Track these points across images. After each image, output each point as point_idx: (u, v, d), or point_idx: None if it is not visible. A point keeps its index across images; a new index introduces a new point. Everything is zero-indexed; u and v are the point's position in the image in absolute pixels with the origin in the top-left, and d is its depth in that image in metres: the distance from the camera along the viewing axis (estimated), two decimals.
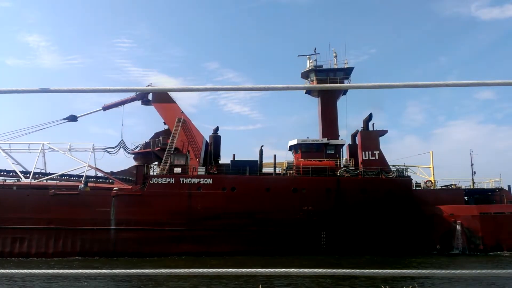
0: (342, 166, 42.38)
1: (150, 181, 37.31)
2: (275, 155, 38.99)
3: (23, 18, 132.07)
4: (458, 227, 38.30)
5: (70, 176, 45.72)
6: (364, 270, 3.44)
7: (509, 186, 44.27)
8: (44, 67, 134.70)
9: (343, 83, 47.57)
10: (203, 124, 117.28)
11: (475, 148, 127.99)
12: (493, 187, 42.59)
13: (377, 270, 3.45)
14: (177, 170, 37.76)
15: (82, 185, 39.02)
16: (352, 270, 3.39)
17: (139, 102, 48.81)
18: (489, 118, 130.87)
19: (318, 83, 47.30)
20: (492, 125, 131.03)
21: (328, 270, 3.36)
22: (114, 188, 38.17)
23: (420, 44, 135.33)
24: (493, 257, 35.70)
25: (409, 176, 40.05)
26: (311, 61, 49.40)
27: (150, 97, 48.22)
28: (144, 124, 77.44)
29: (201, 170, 38.10)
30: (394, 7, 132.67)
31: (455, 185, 43.38)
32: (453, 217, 38.74)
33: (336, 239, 37.09)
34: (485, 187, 44.22)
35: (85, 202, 36.65)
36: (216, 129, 40.88)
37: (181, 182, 37.01)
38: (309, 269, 3.36)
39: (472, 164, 45.51)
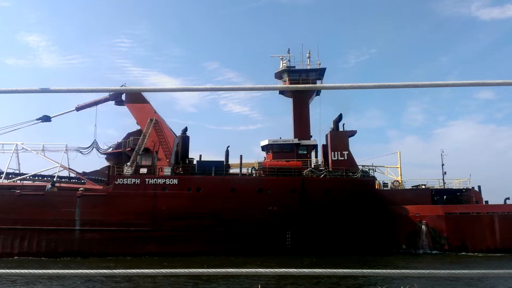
0: (312, 166, 42.64)
1: (116, 182, 37.38)
2: (241, 156, 39.18)
3: (23, 18, 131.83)
4: (424, 227, 38.58)
5: (43, 176, 45.80)
6: (364, 270, 3.46)
7: (479, 187, 44.59)
8: (44, 67, 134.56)
9: (315, 83, 47.77)
10: (204, 124, 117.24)
11: (475, 148, 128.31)
12: (461, 188, 42.82)
13: (377, 270, 3.45)
14: (143, 170, 37.82)
15: (49, 186, 39.05)
16: (352, 270, 3.38)
17: (113, 102, 48.89)
18: (489, 118, 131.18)
19: (290, 83, 47.44)
20: (492, 125, 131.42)
21: (328, 270, 3.35)
22: (80, 189, 38.24)
23: (420, 44, 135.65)
24: (456, 257, 35.97)
25: (374, 177, 40.28)
26: (284, 61, 49.55)
27: (123, 97, 48.31)
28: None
29: (167, 171, 38.21)
30: (395, 7, 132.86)
31: (424, 185, 43.66)
32: (419, 217, 39.02)
33: (301, 239, 37.29)
34: (459, 187, 44.45)
35: (50, 202, 36.68)
36: (185, 130, 40.97)
37: (147, 183, 37.10)
38: (309, 269, 3.36)
39: (442, 165, 45.78)
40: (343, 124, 44.82)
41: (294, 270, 3.35)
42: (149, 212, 36.55)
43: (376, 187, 42.50)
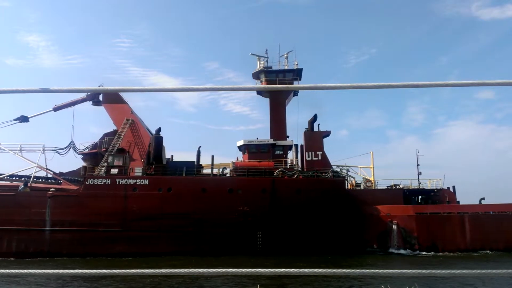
0: (288, 166, 42.80)
1: (86, 182, 37.48)
2: (212, 156, 39.27)
3: (23, 18, 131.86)
4: (394, 226, 38.76)
5: (21, 176, 45.83)
6: (364, 270, 3.45)
7: (453, 187, 44.84)
8: (44, 67, 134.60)
9: (292, 83, 47.88)
10: (204, 124, 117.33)
11: (475, 148, 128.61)
12: (434, 188, 43.03)
13: (377, 270, 3.43)
14: (114, 171, 37.92)
15: (22, 186, 39.13)
16: (352, 270, 3.36)
17: (90, 102, 49.00)
18: (489, 118, 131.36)
19: (267, 83, 47.64)
20: (492, 125, 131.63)
21: (328, 270, 3.32)
22: (51, 189, 38.33)
23: (420, 44, 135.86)
24: (424, 257, 36.15)
25: (344, 177, 40.43)
26: (261, 62, 49.70)
27: (101, 97, 48.43)
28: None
29: (138, 171, 38.32)
30: (395, 7, 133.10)
31: (397, 185, 43.84)
32: (390, 217, 39.19)
33: (272, 239, 37.42)
34: (435, 187, 44.62)
35: (21, 203, 36.77)
36: (158, 130, 41.05)
37: (117, 183, 37.19)
38: (309, 269, 3.34)
39: (418, 165, 46.02)
40: (318, 124, 45.04)
41: (294, 270, 3.34)
42: (119, 213, 36.65)
43: (349, 187, 42.71)
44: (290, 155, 47.18)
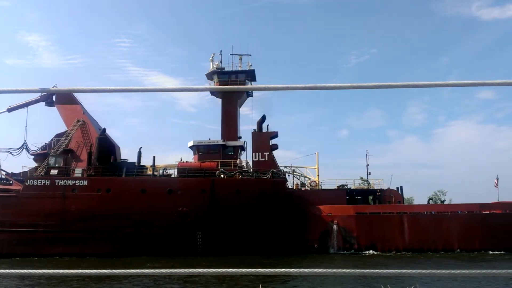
0: (237, 167, 43.05)
1: (26, 183, 37.67)
2: (154, 157, 39.52)
3: (23, 17, 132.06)
4: (335, 226, 39.11)
5: None
6: (364, 270, 3.46)
7: (400, 187, 45.26)
8: (44, 67, 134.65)
9: (245, 84, 48.14)
10: (204, 124, 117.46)
11: (475, 148, 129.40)
12: (379, 188, 43.42)
13: (377, 270, 3.43)
14: (54, 171, 38.11)
15: None
16: (352, 270, 3.37)
17: (44, 103, 49.09)
18: (489, 118, 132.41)
19: (219, 84, 47.89)
20: (492, 125, 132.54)
21: (328, 270, 3.32)
22: None
23: (421, 44, 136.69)
24: (362, 257, 36.54)
25: (284, 177, 40.73)
26: (216, 63, 49.94)
27: (54, 98, 48.52)
28: None
29: (78, 172, 38.51)
30: (395, 7, 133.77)
31: (345, 185, 44.21)
32: (331, 217, 39.54)
33: (213, 240, 37.70)
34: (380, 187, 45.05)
35: None
36: (103, 131, 41.26)
37: (56, 184, 37.39)
38: (309, 269, 3.37)
39: (367, 165, 46.43)
40: (267, 125, 45.37)
41: (294, 270, 3.33)
42: (58, 213, 36.84)
43: (295, 188, 43.07)
44: (244, 156, 47.57)
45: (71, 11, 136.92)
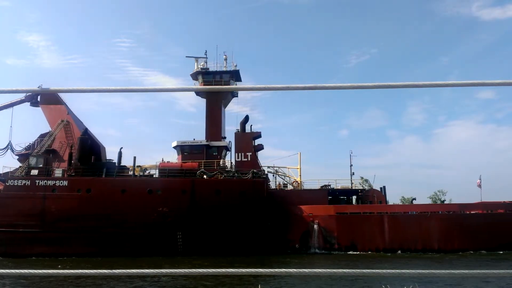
0: (220, 167, 43.16)
1: (6, 183, 37.75)
2: (134, 157, 39.61)
3: (23, 17, 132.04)
4: (316, 226, 39.25)
5: None
6: (364, 270, 3.45)
7: (383, 187, 45.42)
8: (44, 67, 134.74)
9: (229, 84, 48.24)
10: (204, 124, 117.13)
11: (475, 148, 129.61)
12: (360, 188, 43.58)
13: (377, 270, 3.43)
14: (34, 172, 38.19)
15: None
16: (352, 270, 3.38)
17: (28, 103, 49.17)
18: (490, 118, 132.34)
19: (204, 84, 47.99)
20: (492, 125, 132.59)
21: (328, 270, 3.35)
22: None
23: (421, 44, 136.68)
24: (341, 257, 36.67)
25: (265, 177, 40.81)
26: (202, 63, 50.05)
27: (39, 98, 48.57)
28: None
29: (58, 172, 38.60)
30: (395, 7, 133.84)
31: (328, 185, 44.34)
32: (312, 217, 39.67)
33: (193, 240, 37.78)
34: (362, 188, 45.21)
35: None
36: (85, 131, 41.33)
37: (37, 184, 37.46)
38: (309, 269, 3.38)
39: (351, 165, 46.58)
40: (251, 125, 45.52)
41: (294, 270, 3.34)
42: (38, 214, 36.91)
43: (277, 188, 43.21)
44: (230, 156, 47.66)
45: (71, 11, 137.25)
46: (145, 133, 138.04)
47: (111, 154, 46.54)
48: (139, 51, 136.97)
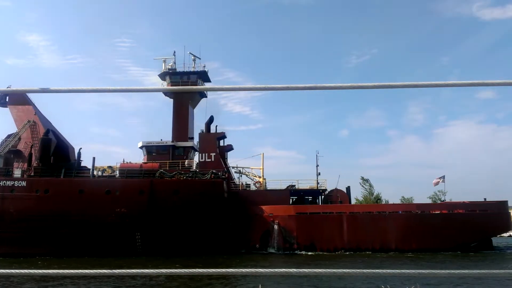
0: (184, 168, 43.28)
1: None
2: (94, 158, 39.74)
3: (23, 17, 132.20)
4: (276, 226, 39.38)
5: None
6: (364, 270, 3.45)
7: (348, 187, 45.54)
8: (44, 66, 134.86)
9: (197, 85, 48.32)
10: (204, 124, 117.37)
11: (475, 147, 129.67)
12: (322, 188, 43.67)
13: (377, 270, 3.43)
14: None
15: None
16: (352, 270, 3.39)
17: None
18: (490, 118, 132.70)
19: (172, 85, 48.06)
20: (492, 125, 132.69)
21: (328, 270, 3.36)
22: None
23: (421, 44, 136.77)
24: (298, 257, 36.81)
25: (225, 178, 40.87)
26: (170, 64, 50.15)
27: (7, 99, 48.68)
28: None
29: (18, 173, 38.72)
30: (396, 7, 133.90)
31: (293, 185, 44.44)
32: (272, 217, 39.80)
33: (152, 240, 37.91)
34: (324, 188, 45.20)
35: None
36: (46, 132, 41.43)
37: None
38: (309, 269, 3.40)
39: (317, 166, 46.62)
40: (216, 126, 45.64)
41: (294, 270, 3.34)
42: None
43: (240, 188, 43.33)
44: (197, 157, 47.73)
45: (71, 11, 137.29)
46: (145, 133, 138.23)
47: (111, 154, 46.94)
48: (139, 51, 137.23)
